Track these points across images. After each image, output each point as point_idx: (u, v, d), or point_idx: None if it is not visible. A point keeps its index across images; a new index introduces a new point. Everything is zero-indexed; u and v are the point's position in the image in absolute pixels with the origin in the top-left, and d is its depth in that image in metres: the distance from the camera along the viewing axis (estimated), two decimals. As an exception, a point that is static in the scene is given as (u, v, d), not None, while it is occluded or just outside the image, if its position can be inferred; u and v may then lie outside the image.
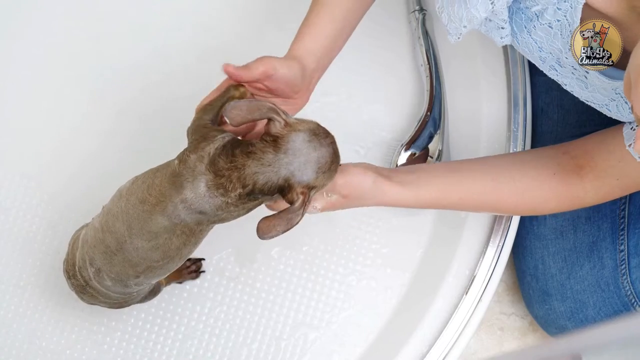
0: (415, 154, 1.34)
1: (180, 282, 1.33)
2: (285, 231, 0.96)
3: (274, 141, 0.95)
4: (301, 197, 0.95)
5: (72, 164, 1.38)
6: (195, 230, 1.02)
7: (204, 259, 1.34)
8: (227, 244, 1.36)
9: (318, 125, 0.98)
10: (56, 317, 1.33)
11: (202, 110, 1.03)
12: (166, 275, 1.13)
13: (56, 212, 1.37)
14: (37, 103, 1.41)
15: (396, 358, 1.26)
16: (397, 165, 1.33)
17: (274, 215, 0.96)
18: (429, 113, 1.35)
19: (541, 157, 1.14)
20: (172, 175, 0.99)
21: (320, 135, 0.96)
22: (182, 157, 0.99)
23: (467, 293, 1.27)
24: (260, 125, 1.07)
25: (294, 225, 0.96)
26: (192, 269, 1.33)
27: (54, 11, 1.44)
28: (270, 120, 0.96)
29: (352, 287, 1.36)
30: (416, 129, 1.35)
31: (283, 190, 0.95)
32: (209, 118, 1.02)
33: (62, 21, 1.43)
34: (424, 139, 1.34)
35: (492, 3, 1.00)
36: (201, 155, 0.97)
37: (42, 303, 1.34)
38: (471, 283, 1.27)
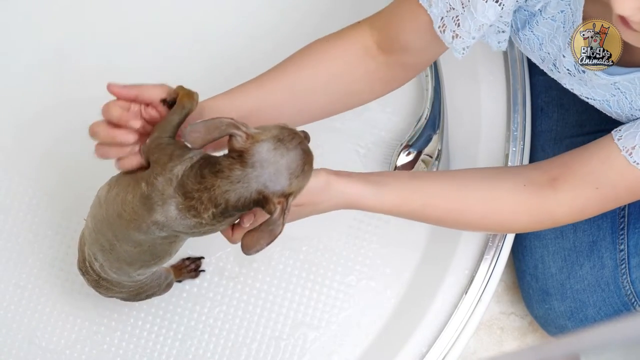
0: (414, 153, 1.34)
1: (180, 281, 1.33)
2: (269, 243, 0.94)
3: (239, 156, 0.92)
4: (279, 207, 0.93)
5: (72, 164, 1.38)
6: (176, 240, 1.02)
7: (203, 258, 1.34)
8: (227, 243, 1.35)
9: (282, 128, 0.94)
10: (56, 317, 1.33)
11: (159, 128, 0.99)
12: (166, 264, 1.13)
13: (56, 212, 1.37)
14: (37, 103, 1.41)
15: (396, 358, 1.26)
16: (396, 166, 1.33)
17: (255, 229, 0.94)
18: (428, 113, 1.35)
19: (511, 171, 1.11)
20: (142, 197, 0.97)
21: (285, 139, 0.93)
22: (149, 180, 0.96)
23: (466, 293, 1.27)
24: None
25: (277, 236, 0.94)
26: (192, 267, 1.33)
27: (50, 11, 1.44)
28: (231, 136, 0.93)
29: (351, 287, 1.36)
30: (416, 128, 1.35)
31: (260, 202, 0.93)
32: (168, 135, 0.98)
33: (62, 19, 1.43)
34: (424, 138, 1.34)
35: (500, 5, 0.98)
36: (169, 178, 0.95)
37: (42, 303, 1.34)
38: (471, 283, 1.27)
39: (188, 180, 0.94)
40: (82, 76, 1.41)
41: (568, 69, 1.03)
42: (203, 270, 1.34)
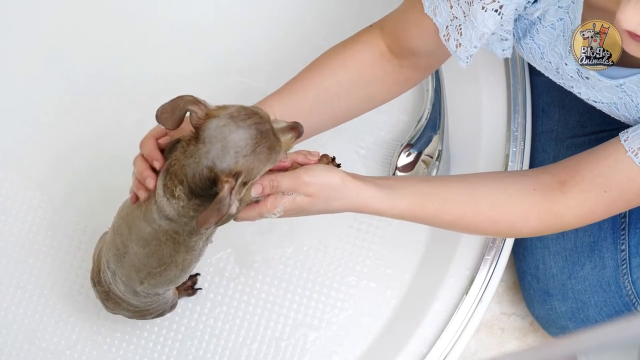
0: (414, 153, 1.34)
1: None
2: (217, 222, 0.91)
3: (196, 132, 0.92)
4: (226, 186, 0.90)
5: (72, 164, 1.38)
6: (178, 240, 1.01)
7: (199, 274, 1.34)
8: (227, 244, 1.36)
9: (240, 108, 0.92)
10: (56, 318, 1.33)
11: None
12: (171, 286, 1.13)
13: (56, 212, 1.37)
14: (38, 105, 1.41)
15: (396, 358, 1.26)
16: (396, 167, 1.33)
17: (209, 207, 0.92)
18: (429, 113, 1.35)
19: (520, 175, 1.11)
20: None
21: (239, 117, 0.91)
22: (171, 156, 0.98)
23: (467, 293, 1.27)
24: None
25: (225, 215, 0.91)
26: (188, 284, 1.32)
27: (59, 13, 1.44)
28: (191, 113, 0.93)
29: (352, 288, 1.36)
30: (416, 129, 1.35)
31: (214, 181, 0.92)
32: None
33: (68, 23, 1.44)
34: (424, 139, 1.34)
35: (500, 14, 0.98)
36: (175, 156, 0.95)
37: (42, 303, 1.34)
38: (471, 283, 1.27)
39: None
40: (83, 77, 1.41)
41: (571, 76, 1.03)
42: (200, 289, 1.34)
